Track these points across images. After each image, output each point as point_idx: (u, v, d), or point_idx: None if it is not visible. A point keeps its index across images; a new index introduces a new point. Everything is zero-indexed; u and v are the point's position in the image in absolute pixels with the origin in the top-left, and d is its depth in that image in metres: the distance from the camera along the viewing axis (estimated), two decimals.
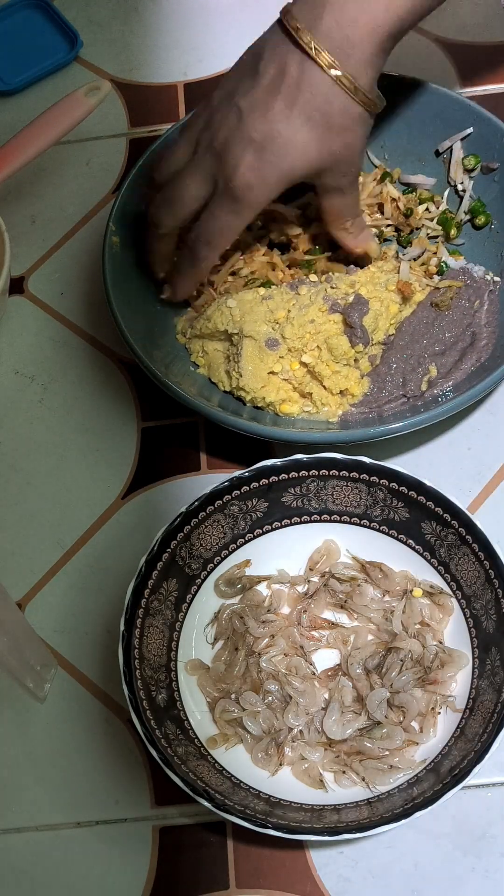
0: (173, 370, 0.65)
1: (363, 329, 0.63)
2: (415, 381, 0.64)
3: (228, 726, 0.56)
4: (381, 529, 0.60)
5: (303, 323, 0.63)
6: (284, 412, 0.65)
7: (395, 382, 0.64)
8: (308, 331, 0.63)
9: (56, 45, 0.88)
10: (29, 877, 0.56)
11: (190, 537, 0.58)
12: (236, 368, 0.64)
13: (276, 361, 0.64)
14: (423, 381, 0.64)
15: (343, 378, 0.64)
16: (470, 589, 0.57)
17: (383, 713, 0.55)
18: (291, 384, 0.65)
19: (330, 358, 0.64)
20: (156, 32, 0.88)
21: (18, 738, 0.60)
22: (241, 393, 0.65)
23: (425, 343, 0.65)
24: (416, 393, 0.64)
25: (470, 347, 0.65)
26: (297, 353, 0.64)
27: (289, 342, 0.63)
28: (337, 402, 0.64)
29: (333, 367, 0.64)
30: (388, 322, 0.65)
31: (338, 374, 0.64)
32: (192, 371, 0.68)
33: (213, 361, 0.67)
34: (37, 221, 0.80)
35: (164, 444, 0.69)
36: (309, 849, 0.56)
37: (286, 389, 0.65)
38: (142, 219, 0.67)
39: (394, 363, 0.65)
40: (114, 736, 0.59)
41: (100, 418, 0.70)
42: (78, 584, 0.64)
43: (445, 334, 0.66)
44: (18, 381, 0.73)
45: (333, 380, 0.64)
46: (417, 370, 0.64)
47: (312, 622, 0.59)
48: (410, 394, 0.64)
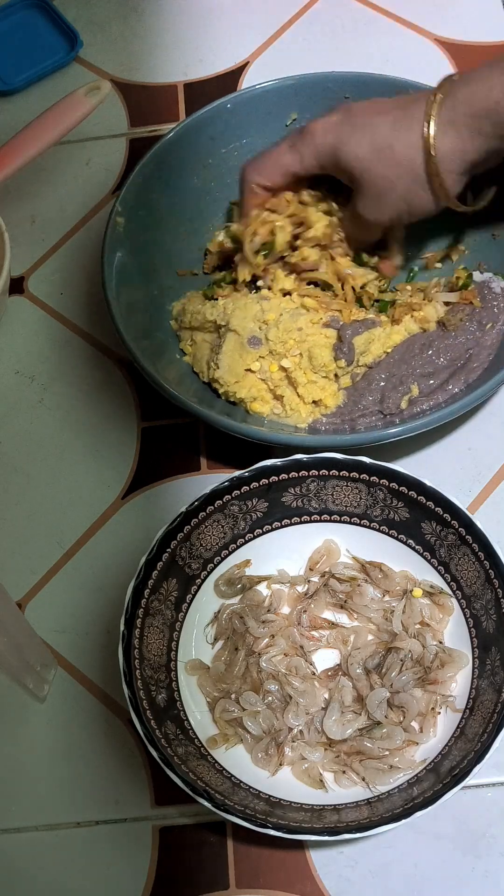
0: (160, 357, 0.65)
1: (350, 346, 0.63)
2: (394, 399, 0.63)
3: (228, 726, 0.56)
4: (381, 529, 0.60)
5: (289, 328, 0.64)
6: (254, 410, 0.65)
7: (373, 398, 0.64)
8: (293, 336, 0.64)
9: (56, 45, 0.88)
10: (29, 877, 0.56)
11: (190, 537, 0.58)
12: (215, 360, 0.64)
13: (255, 360, 0.64)
14: (404, 400, 0.63)
15: (318, 389, 0.64)
16: (470, 589, 0.57)
17: (383, 713, 0.55)
18: (267, 385, 0.65)
19: (309, 367, 0.64)
20: (156, 32, 0.88)
21: (18, 738, 0.60)
22: (216, 385, 0.65)
23: (414, 364, 0.64)
24: (393, 410, 0.63)
25: (461, 369, 0.64)
26: (278, 356, 0.64)
27: (271, 344, 0.64)
28: (308, 410, 0.65)
29: (310, 377, 0.64)
30: (383, 348, 0.64)
31: (314, 384, 0.64)
32: (178, 359, 0.68)
33: (199, 351, 0.67)
34: (37, 221, 0.80)
35: (164, 444, 0.69)
36: (309, 849, 0.56)
37: (260, 389, 0.65)
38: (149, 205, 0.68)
39: (374, 380, 0.64)
40: (114, 736, 0.59)
41: (100, 418, 0.70)
42: (78, 584, 0.64)
43: (440, 359, 0.64)
44: (18, 381, 0.73)
45: (308, 388, 0.64)
46: (399, 388, 0.63)
47: (312, 622, 0.59)
48: (387, 411, 0.63)
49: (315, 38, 0.86)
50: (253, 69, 0.85)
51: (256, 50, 0.86)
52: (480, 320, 0.65)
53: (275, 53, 0.85)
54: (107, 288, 0.64)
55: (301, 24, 0.87)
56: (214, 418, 0.61)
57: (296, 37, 0.86)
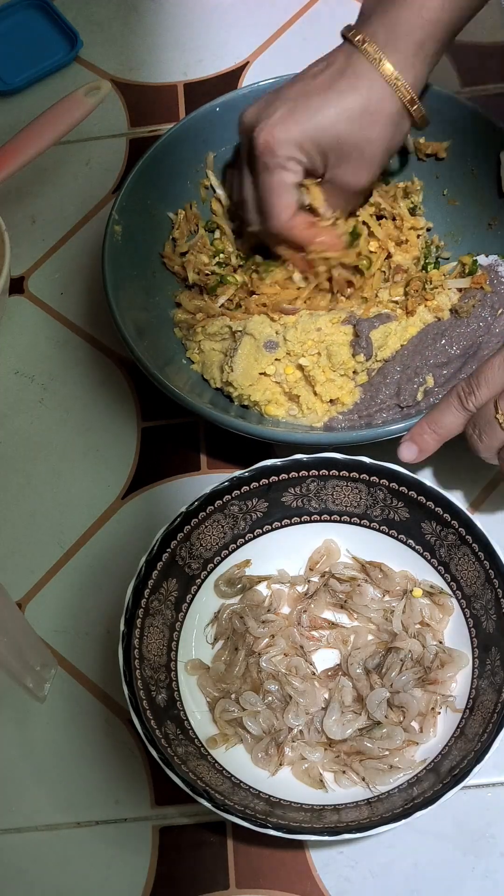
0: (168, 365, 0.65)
1: (368, 340, 0.63)
2: (410, 391, 0.63)
3: (228, 726, 0.56)
4: (381, 529, 0.60)
5: (308, 329, 0.63)
6: (269, 413, 0.65)
7: (390, 392, 0.64)
8: (311, 337, 0.63)
9: (56, 45, 0.88)
10: (29, 877, 0.56)
11: (190, 537, 0.58)
12: (229, 363, 0.64)
13: (271, 364, 0.64)
14: (420, 391, 0.63)
15: (336, 387, 0.64)
16: (470, 589, 0.57)
17: (383, 713, 0.55)
18: (281, 387, 0.65)
19: (328, 364, 0.64)
20: (156, 32, 0.89)
21: (18, 738, 0.60)
22: (229, 389, 0.65)
23: (427, 355, 0.64)
24: (409, 403, 0.63)
25: (472, 358, 0.63)
26: (295, 356, 0.64)
27: (289, 345, 0.63)
28: (324, 409, 0.64)
29: (329, 374, 0.64)
30: (400, 341, 0.64)
31: (332, 382, 0.64)
32: (186, 366, 0.68)
33: (207, 359, 0.67)
34: (37, 221, 0.80)
35: (164, 444, 0.69)
36: (309, 849, 0.56)
37: (274, 391, 0.65)
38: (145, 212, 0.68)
39: (390, 374, 0.64)
40: (114, 736, 0.59)
41: (100, 418, 0.70)
42: (78, 584, 0.64)
43: (453, 348, 0.64)
44: (18, 381, 0.73)
45: (326, 387, 0.64)
46: (414, 380, 0.63)
47: (312, 622, 0.59)
48: (404, 403, 0.63)
49: (315, 38, 0.86)
50: (253, 69, 0.85)
51: (256, 50, 0.86)
52: (493, 305, 0.64)
53: (275, 53, 0.85)
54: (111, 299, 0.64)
55: (301, 24, 0.87)
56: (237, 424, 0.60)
57: (296, 37, 0.86)
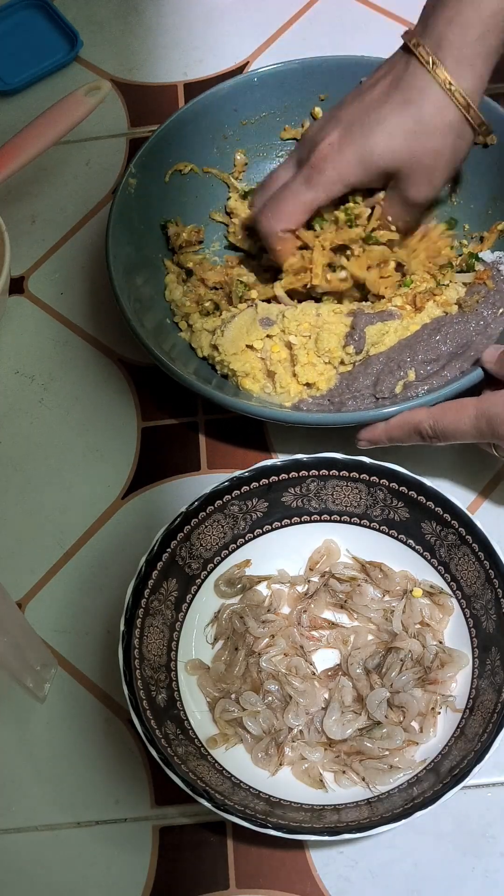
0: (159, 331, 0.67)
1: (361, 334, 0.63)
2: (388, 383, 0.62)
3: (228, 726, 0.56)
4: (381, 529, 0.60)
5: (308, 312, 0.64)
6: (245, 387, 0.65)
7: (367, 382, 0.63)
8: (308, 319, 0.64)
9: (56, 45, 0.88)
10: (29, 877, 0.56)
11: (190, 537, 0.58)
12: (221, 328, 0.65)
13: (260, 339, 0.64)
14: (399, 384, 0.62)
15: (316, 372, 0.64)
16: (470, 589, 0.57)
17: (383, 713, 0.55)
18: (264, 363, 0.65)
19: (314, 348, 0.64)
20: (156, 32, 0.89)
21: (18, 738, 0.60)
22: (213, 354, 0.65)
23: (417, 349, 0.63)
24: (385, 394, 0.62)
25: (459, 356, 0.62)
26: (287, 334, 0.64)
27: (286, 321, 0.64)
28: (297, 390, 0.64)
29: (311, 358, 0.64)
30: (397, 338, 0.64)
31: (312, 366, 0.64)
32: (174, 334, 0.69)
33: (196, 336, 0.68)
34: (37, 221, 0.80)
35: (164, 444, 0.69)
36: (309, 849, 0.56)
37: (255, 366, 0.65)
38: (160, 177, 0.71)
39: (372, 364, 0.63)
40: (114, 736, 0.59)
41: (100, 418, 0.70)
42: (78, 584, 0.64)
43: (444, 345, 0.63)
44: (18, 381, 0.73)
45: (305, 369, 0.64)
46: (396, 373, 0.62)
47: (312, 622, 0.59)
48: (380, 395, 0.62)
49: (315, 38, 0.86)
50: (253, 69, 0.84)
51: (256, 50, 0.86)
52: (495, 303, 0.64)
53: (275, 53, 0.85)
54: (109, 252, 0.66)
55: (301, 24, 0.87)
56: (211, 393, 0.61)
57: (296, 37, 0.86)
